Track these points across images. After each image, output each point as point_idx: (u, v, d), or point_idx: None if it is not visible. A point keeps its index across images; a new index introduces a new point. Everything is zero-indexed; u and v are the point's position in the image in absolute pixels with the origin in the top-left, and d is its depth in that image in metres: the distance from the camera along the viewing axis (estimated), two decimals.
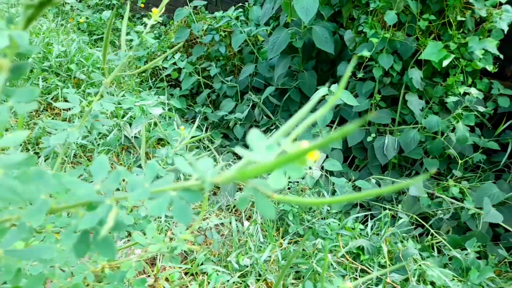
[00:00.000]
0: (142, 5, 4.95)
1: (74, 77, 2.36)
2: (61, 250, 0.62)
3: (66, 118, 2.08)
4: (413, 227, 1.96)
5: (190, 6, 3.16)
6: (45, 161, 1.73)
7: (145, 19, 0.82)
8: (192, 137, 1.14)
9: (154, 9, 0.81)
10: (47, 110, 2.20)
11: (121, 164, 1.94)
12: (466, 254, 1.73)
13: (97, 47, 3.50)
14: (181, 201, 0.35)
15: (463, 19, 2.16)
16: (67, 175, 0.36)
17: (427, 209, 2.05)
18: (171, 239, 0.85)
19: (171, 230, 1.51)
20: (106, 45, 0.77)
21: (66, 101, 0.85)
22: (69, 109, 0.77)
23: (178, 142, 1.06)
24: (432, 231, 1.90)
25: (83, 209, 0.35)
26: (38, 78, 2.12)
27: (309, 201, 0.41)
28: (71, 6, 4.52)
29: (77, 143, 1.93)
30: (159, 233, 0.91)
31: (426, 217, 2.09)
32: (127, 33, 0.84)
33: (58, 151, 0.84)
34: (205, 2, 3.30)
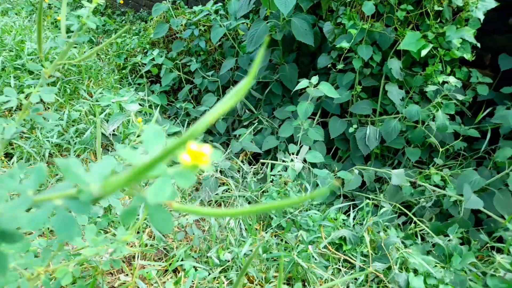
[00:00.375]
0: (121, 2, 4.87)
1: (35, 84, 2.29)
2: None
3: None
4: (396, 215, 1.96)
5: (169, 1, 3.10)
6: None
7: (83, 2, 0.78)
8: (173, 133, 1.10)
9: None
10: (20, 109, 2.13)
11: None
12: (448, 241, 1.74)
13: (75, 45, 3.41)
14: (63, 212, 0.30)
15: (441, 8, 2.17)
16: None
17: (409, 198, 2.06)
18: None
19: (149, 227, 1.48)
20: (40, 30, 0.74)
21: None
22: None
23: (135, 136, 1.02)
24: (415, 219, 1.90)
25: None
26: (10, 76, 2.05)
27: (214, 212, 0.37)
28: (49, 4, 4.41)
29: (51, 142, 1.88)
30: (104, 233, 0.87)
31: (409, 206, 2.10)
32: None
33: None
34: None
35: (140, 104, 2.22)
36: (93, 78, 2.64)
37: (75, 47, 2.95)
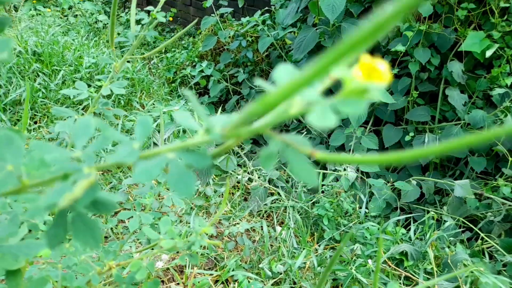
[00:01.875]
0: (171, 19, 5.03)
1: (106, 77, 2.39)
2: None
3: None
4: (461, 230, 1.80)
5: (217, 14, 3.15)
6: None
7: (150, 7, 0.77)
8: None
9: None
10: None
11: None
12: None
13: (127, 60, 3.56)
14: (179, 164, 0.27)
15: (507, 5, 2.01)
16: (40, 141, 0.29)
17: (475, 212, 1.89)
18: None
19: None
20: (113, 22, 0.73)
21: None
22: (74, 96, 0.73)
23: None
24: (482, 235, 1.74)
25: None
26: (69, 89, 2.15)
27: (358, 158, 0.30)
28: (104, 24, 4.66)
29: (106, 150, 1.93)
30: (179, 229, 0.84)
31: (475, 220, 1.92)
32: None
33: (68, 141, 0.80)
34: (231, 10, 3.29)
35: None
36: (145, 90, 2.72)
37: (129, 62, 3.07)
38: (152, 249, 0.92)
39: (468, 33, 2.00)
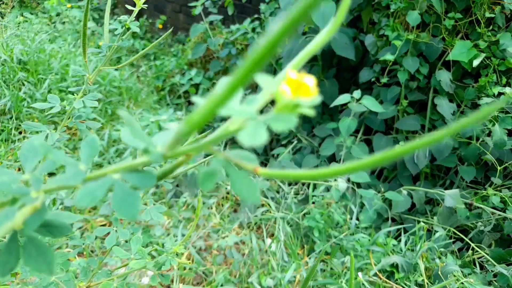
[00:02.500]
0: (160, 26, 5.01)
1: (79, 90, 2.36)
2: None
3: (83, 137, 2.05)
4: (451, 241, 1.80)
5: (206, 21, 3.14)
6: None
7: (128, 6, 0.75)
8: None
9: None
10: (65, 131, 2.19)
11: None
12: None
13: (115, 69, 3.52)
14: (123, 186, 0.26)
15: (492, 15, 2.03)
16: None
17: (465, 221, 1.89)
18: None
19: (188, 249, 1.42)
20: (85, 34, 0.71)
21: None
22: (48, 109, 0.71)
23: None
24: (472, 245, 1.73)
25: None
26: (41, 102, 2.11)
27: (303, 173, 0.30)
28: (92, 31, 4.62)
29: (93, 161, 1.90)
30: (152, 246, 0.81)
31: (465, 230, 1.92)
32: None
33: None
34: (221, 17, 3.28)
35: None
36: (133, 99, 2.69)
37: (116, 70, 3.04)
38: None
39: (456, 42, 2.02)
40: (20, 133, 2.12)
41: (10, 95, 2.06)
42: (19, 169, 1.84)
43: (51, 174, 1.57)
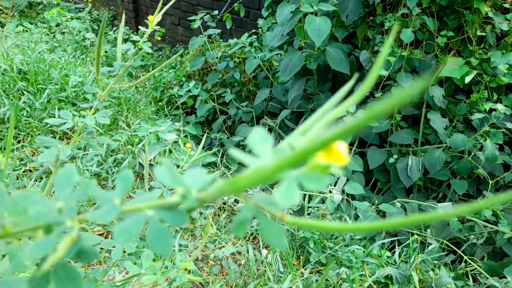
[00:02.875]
0: (159, 38, 5.06)
1: (91, 107, 2.37)
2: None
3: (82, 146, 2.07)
4: (445, 253, 1.82)
5: (205, 35, 3.19)
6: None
7: (142, 28, 0.78)
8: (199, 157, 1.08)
9: (150, 17, 0.77)
10: (63, 140, 2.20)
11: (135, 192, 1.89)
12: (505, 283, 1.58)
13: (114, 77, 3.55)
14: (158, 224, 0.27)
15: (483, 34, 2.09)
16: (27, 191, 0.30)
17: (458, 234, 1.91)
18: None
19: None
20: (99, 54, 0.74)
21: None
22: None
23: (184, 162, 1.00)
24: (465, 257, 1.76)
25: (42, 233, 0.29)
26: (54, 108, 2.13)
27: (331, 226, 0.32)
28: (91, 42, 4.66)
29: (91, 171, 1.91)
30: (162, 262, 0.83)
31: (458, 243, 1.95)
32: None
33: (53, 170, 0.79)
34: (219, 31, 3.33)
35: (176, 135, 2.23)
36: (131, 109, 2.71)
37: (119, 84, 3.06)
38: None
39: (448, 59, 2.07)
40: (19, 142, 2.13)
41: (10, 105, 2.07)
42: (17, 178, 1.84)
43: None
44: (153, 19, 0.78)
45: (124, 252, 0.93)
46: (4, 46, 2.64)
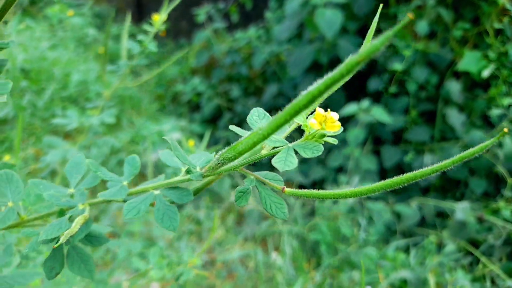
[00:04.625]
0: (163, 34, 5.07)
1: (95, 106, 2.40)
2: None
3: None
4: (461, 255, 1.81)
5: (210, 29, 3.19)
6: None
7: (146, 27, 0.79)
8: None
9: (155, 16, 0.78)
10: (66, 139, 2.22)
11: None
12: None
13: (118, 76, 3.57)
14: (164, 201, 0.30)
15: (501, 26, 2.07)
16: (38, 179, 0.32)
17: (475, 235, 1.90)
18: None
19: None
20: (106, 53, 0.75)
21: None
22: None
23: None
24: (482, 259, 1.75)
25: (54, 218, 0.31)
26: (57, 107, 2.15)
27: (326, 193, 0.35)
28: (94, 38, 4.68)
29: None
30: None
31: (476, 244, 1.94)
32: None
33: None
34: (225, 25, 3.33)
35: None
36: (135, 108, 2.73)
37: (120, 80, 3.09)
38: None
39: (465, 52, 2.05)
40: (22, 141, 2.16)
41: (13, 105, 2.10)
42: None
43: None
44: (158, 18, 0.78)
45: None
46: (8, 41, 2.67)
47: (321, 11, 2.19)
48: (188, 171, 0.30)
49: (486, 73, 1.98)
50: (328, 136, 0.31)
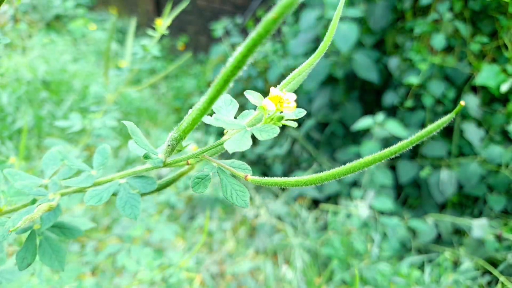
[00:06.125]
0: (181, 48, 5.20)
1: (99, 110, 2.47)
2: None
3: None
4: (479, 273, 1.76)
5: (227, 43, 3.25)
6: None
7: (150, 32, 0.82)
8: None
9: (158, 20, 0.81)
10: (85, 149, 2.29)
11: None
12: None
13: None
14: (128, 190, 0.31)
15: None
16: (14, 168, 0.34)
17: (494, 253, 1.85)
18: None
19: (200, 273, 1.45)
20: (108, 57, 0.78)
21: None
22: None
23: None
24: (501, 278, 1.70)
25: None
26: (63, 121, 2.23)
27: (291, 181, 0.36)
28: (115, 52, 4.83)
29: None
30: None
31: (494, 262, 1.88)
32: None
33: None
34: (242, 40, 3.39)
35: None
36: (152, 120, 2.79)
37: (136, 91, 3.16)
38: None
39: (483, 66, 2.03)
40: (41, 151, 2.23)
41: (34, 115, 2.18)
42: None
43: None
44: (161, 23, 0.82)
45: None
46: (29, 56, 2.79)
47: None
48: (146, 157, 0.32)
49: (504, 88, 1.95)
50: (288, 119, 0.32)
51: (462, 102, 0.37)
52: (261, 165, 2.87)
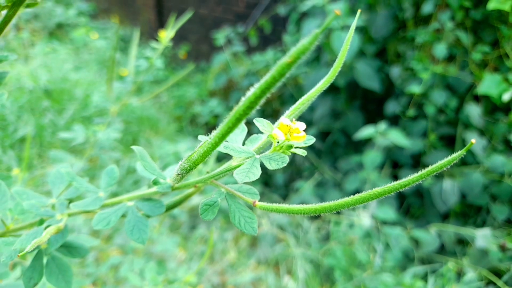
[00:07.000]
0: (183, 57, 5.23)
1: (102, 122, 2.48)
2: None
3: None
4: (483, 283, 1.75)
5: (229, 52, 3.28)
6: None
7: (153, 44, 0.83)
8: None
9: (161, 32, 0.82)
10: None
11: None
12: None
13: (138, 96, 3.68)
14: (136, 213, 0.31)
15: None
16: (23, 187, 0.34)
17: (498, 263, 1.84)
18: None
19: (202, 284, 1.45)
20: (112, 69, 0.79)
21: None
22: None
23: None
24: None
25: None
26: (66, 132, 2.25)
27: (296, 208, 0.35)
28: (117, 61, 4.86)
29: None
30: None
31: (498, 273, 1.87)
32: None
33: None
34: (244, 49, 3.41)
35: None
36: (153, 128, 2.80)
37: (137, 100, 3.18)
38: None
39: (484, 76, 2.04)
40: (43, 160, 2.24)
41: (35, 124, 2.19)
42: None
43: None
44: (165, 35, 0.83)
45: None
46: (32, 65, 2.81)
47: (337, 34, 2.23)
48: (155, 182, 0.32)
49: (506, 97, 1.96)
50: (297, 147, 0.32)
51: (473, 140, 0.37)
52: (262, 174, 2.87)
